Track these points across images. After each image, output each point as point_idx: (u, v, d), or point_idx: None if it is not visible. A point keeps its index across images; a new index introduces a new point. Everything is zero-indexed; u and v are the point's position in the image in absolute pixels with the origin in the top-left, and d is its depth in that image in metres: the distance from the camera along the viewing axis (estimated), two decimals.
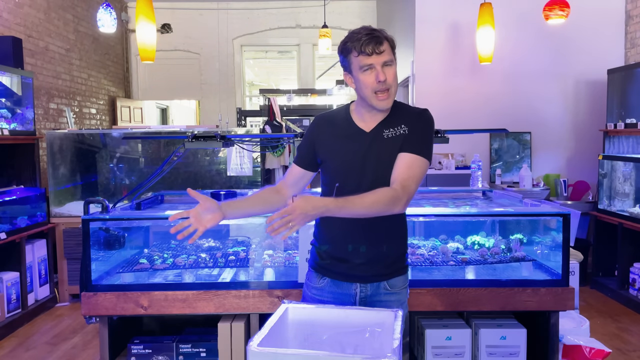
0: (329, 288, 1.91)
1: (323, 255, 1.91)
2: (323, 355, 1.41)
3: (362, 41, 1.73)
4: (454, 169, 5.16)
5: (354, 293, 1.88)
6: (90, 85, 7.27)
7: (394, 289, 1.90)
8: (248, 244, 2.91)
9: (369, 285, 1.88)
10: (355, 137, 1.85)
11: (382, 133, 1.82)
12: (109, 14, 4.86)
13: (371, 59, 1.73)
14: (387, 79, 1.74)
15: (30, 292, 4.51)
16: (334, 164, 1.87)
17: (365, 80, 1.76)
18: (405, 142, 1.80)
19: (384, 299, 1.88)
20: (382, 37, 1.75)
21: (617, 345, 3.70)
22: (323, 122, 1.92)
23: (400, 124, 1.83)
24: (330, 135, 1.88)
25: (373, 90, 1.76)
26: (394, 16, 7.05)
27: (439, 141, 2.89)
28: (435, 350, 2.48)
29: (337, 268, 1.88)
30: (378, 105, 1.78)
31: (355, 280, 1.88)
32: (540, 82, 5.56)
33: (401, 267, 1.92)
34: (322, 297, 1.91)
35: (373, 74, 1.74)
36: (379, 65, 1.74)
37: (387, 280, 1.89)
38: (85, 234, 2.46)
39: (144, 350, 2.56)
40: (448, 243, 2.88)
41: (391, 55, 1.77)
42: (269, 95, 7.02)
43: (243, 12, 8.57)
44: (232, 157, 4.15)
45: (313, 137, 1.91)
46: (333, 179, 1.86)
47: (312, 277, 1.95)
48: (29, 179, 4.70)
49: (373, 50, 1.72)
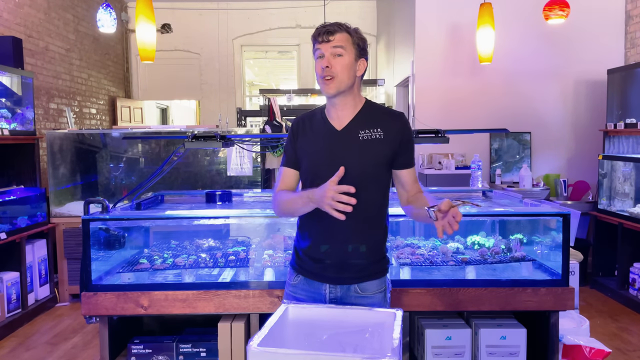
0: (302, 286, 1.93)
1: (300, 254, 1.94)
2: (323, 355, 1.41)
3: (316, 31, 1.85)
4: (454, 169, 5.16)
5: (324, 293, 1.89)
6: (90, 85, 7.28)
7: (365, 293, 1.88)
8: (248, 244, 2.91)
9: (339, 287, 1.88)
10: (327, 135, 1.89)
11: (357, 133, 1.86)
12: (109, 14, 4.86)
13: (321, 46, 1.83)
14: (331, 66, 1.80)
15: (30, 292, 4.51)
16: (307, 162, 1.90)
17: (316, 66, 1.86)
18: (397, 157, 1.87)
19: (355, 302, 1.87)
20: (337, 28, 1.82)
21: (617, 345, 3.70)
22: (302, 121, 1.96)
23: (376, 127, 1.86)
24: (307, 134, 1.92)
25: (320, 76, 1.84)
26: (394, 16, 7.05)
27: (439, 141, 2.89)
28: (435, 350, 2.48)
29: (310, 267, 1.90)
30: (323, 90, 1.86)
31: (325, 281, 1.89)
32: (540, 82, 5.56)
33: (375, 271, 1.90)
34: (296, 295, 1.94)
35: (320, 61, 1.84)
36: (327, 53, 1.82)
37: (358, 283, 1.88)
38: (85, 234, 2.46)
39: (144, 350, 2.56)
40: (448, 243, 2.88)
41: (344, 44, 1.82)
42: (269, 95, 7.02)
43: (243, 12, 8.57)
44: (232, 157, 4.15)
45: (294, 136, 1.95)
46: (307, 177, 1.90)
47: (290, 274, 2.00)
48: (29, 179, 4.70)
49: (323, 39, 1.82)
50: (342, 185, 1.65)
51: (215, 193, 3.24)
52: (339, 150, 1.85)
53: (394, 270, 2.60)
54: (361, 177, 1.82)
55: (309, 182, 1.88)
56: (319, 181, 1.80)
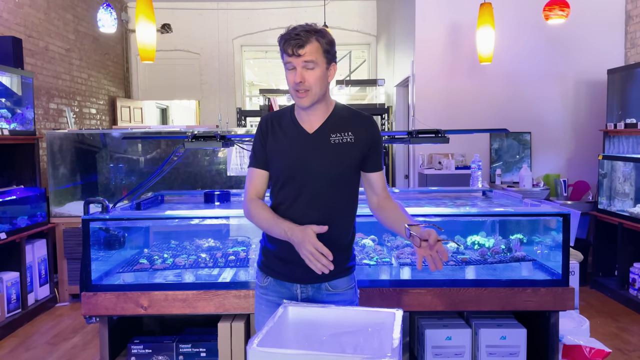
0: (272, 287, 1.93)
1: (268, 255, 1.93)
2: (323, 355, 1.41)
3: (285, 40, 1.78)
4: (454, 169, 5.16)
5: (296, 294, 1.90)
6: (90, 85, 7.27)
7: (336, 290, 1.91)
8: (248, 244, 2.91)
9: (310, 286, 1.89)
10: (299, 138, 1.88)
11: (328, 137, 1.86)
12: (109, 14, 4.86)
13: (291, 58, 1.78)
14: (305, 80, 1.78)
15: (30, 292, 4.51)
16: (278, 164, 1.88)
17: (288, 78, 1.82)
18: (367, 160, 1.89)
19: (327, 300, 1.89)
20: (306, 39, 1.75)
21: (617, 345, 3.70)
22: (270, 121, 1.94)
23: (347, 130, 1.87)
24: (277, 135, 1.90)
25: (293, 89, 1.81)
26: (394, 16, 7.05)
27: (439, 141, 2.89)
28: (435, 350, 2.48)
29: (279, 268, 1.89)
30: (297, 102, 1.84)
31: (295, 281, 1.89)
32: (540, 82, 5.56)
33: (344, 268, 1.92)
34: (267, 296, 1.93)
35: (292, 73, 1.79)
36: (299, 66, 1.77)
37: (329, 281, 1.89)
38: (85, 234, 2.46)
39: (144, 350, 2.56)
40: (448, 243, 2.88)
41: (315, 57, 1.77)
42: (269, 95, 7.03)
43: (243, 12, 8.57)
44: (232, 157, 4.15)
45: (263, 136, 1.92)
46: (278, 179, 1.89)
47: (259, 276, 1.98)
48: (29, 179, 4.70)
49: (293, 51, 1.76)
50: (319, 244, 1.68)
51: (214, 193, 3.25)
52: (310, 153, 1.85)
53: (394, 270, 2.60)
54: (332, 179, 1.85)
55: (279, 185, 1.88)
56: (290, 184, 1.85)
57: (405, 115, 6.51)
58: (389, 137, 3.57)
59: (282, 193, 1.88)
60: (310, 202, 1.84)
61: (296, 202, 1.85)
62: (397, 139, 3.27)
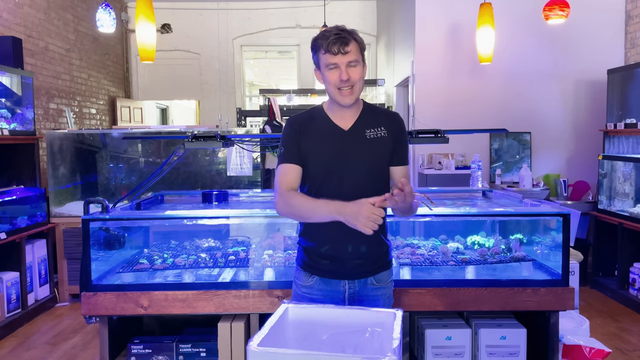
0: (317, 286, 1.95)
1: (311, 254, 1.95)
2: (323, 355, 1.41)
3: (329, 40, 1.82)
4: (454, 169, 5.16)
5: (343, 290, 1.93)
6: (90, 85, 7.27)
7: (380, 284, 1.97)
8: (248, 244, 2.91)
9: (357, 281, 1.93)
10: (335, 136, 1.92)
11: (364, 133, 1.92)
12: (109, 14, 4.86)
13: (336, 58, 1.83)
14: (350, 77, 1.83)
15: (30, 292, 4.51)
16: (317, 162, 1.91)
17: (330, 77, 1.85)
18: (395, 154, 1.95)
19: (371, 294, 1.94)
20: (349, 38, 1.83)
21: (617, 345, 3.70)
22: (302, 121, 1.96)
23: (379, 125, 1.94)
24: (312, 133, 1.93)
25: (336, 87, 1.85)
26: (394, 16, 7.05)
27: (439, 141, 2.89)
28: (435, 350, 2.48)
29: (325, 266, 1.92)
30: (341, 100, 1.87)
31: (343, 278, 1.92)
32: (540, 82, 5.56)
33: (386, 262, 1.99)
34: (311, 295, 1.95)
35: (337, 72, 1.84)
36: (343, 65, 1.83)
37: (374, 275, 1.95)
38: (85, 234, 2.46)
39: (144, 350, 2.56)
40: (448, 243, 2.88)
41: (357, 56, 1.85)
42: (269, 95, 7.02)
43: (243, 12, 8.57)
44: (232, 157, 4.15)
45: (297, 134, 1.92)
46: (317, 177, 1.91)
47: (301, 275, 1.99)
48: (29, 179, 4.70)
49: (339, 50, 1.82)
50: (376, 209, 1.69)
51: (212, 193, 3.25)
52: (348, 149, 1.90)
53: (393, 270, 2.60)
54: (371, 173, 1.91)
55: (319, 182, 1.90)
56: (330, 180, 1.89)
57: (405, 115, 6.51)
58: None
59: (323, 189, 1.89)
60: (351, 196, 1.83)
61: (337, 197, 1.84)
62: None
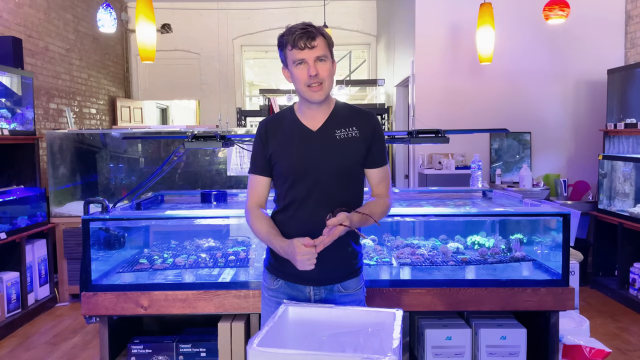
0: (283, 289, 1.91)
1: (277, 256, 1.89)
2: (323, 355, 1.41)
3: (295, 35, 1.77)
4: (454, 169, 5.16)
5: (309, 295, 1.89)
6: (90, 85, 7.27)
7: (347, 291, 1.91)
8: (248, 244, 2.91)
9: (322, 288, 1.89)
10: (303, 137, 1.87)
11: (333, 133, 1.86)
12: (109, 14, 4.86)
13: (303, 53, 1.78)
14: (319, 73, 1.79)
15: (30, 292, 4.51)
16: (284, 164, 1.87)
17: (298, 74, 1.81)
18: (369, 155, 1.89)
19: (339, 301, 1.89)
20: (316, 32, 1.79)
21: (617, 345, 3.70)
22: (270, 125, 1.93)
23: (350, 125, 1.88)
24: (279, 137, 1.89)
25: (305, 84, 1.80)
26: (394, 16, 7.05)
27: (439, 141, 2.89)
28: (435, 350, 2.48)
29: (291, 270, 1.83)
30: (311, 97, 1.82)
31: (308, 283, 1.88)
32: (540, 82, 5.56)
33: (354, 269, 1.93)
34: (278, 299, 1.91)
35: (305, 68, 1.79)
36: (311, 60, 1.78)
37: (340, 282, 1.90)
38: (85, 234, 2.46)
39: (144, 350, 2.56)
40: (448, 243, 2.88)
41: (325, 51, 1.81)
42: (269, 95, 7.03)
43: (243, 12, 8.57)
44: (232, 157, 4.15)
45: (263, 141, 1.90)
46: (285, 179, 1.87)
47: (267, 278, 1.96)
48: (29, 179, 4.70)
49: (305, 44, 1.77)
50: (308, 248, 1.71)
51: (211, 193, 3.25)
52: (316, 150, 1.85)
53: (394, 270, 2.60)
54: (339, 175, 1.85)
55: (288, 184, 1.87)
56: (299, 183, 1.84)
57: (405, 115, 6.51)
58: (389, 137, 3.56)
59: (291, 192, 1.86)
60: (321, 199, 1.84)
61: (306, 200, 1.85)
62: (397, 139, 3.27)
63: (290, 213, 1.87)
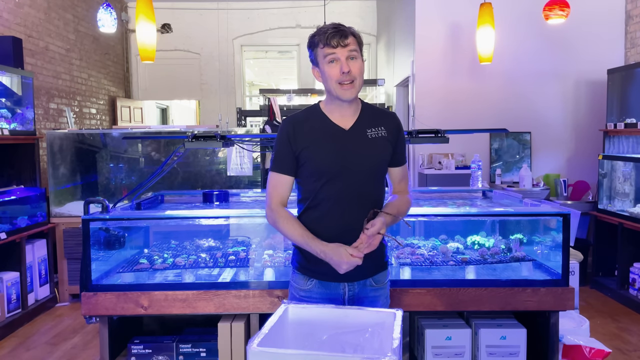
0: (317, 289, 1.91)
1: (309, 257, 1.88)
2: (323, 355, 1.41)
3: (327, 34, 1.80)
4: (454, 169, 5.16)
5: (342, 292, 1.91)
6: (90, 85, 7.27)
7: (378, 284, 1.96)
8: (248, 244, 2.91)
9: (356, 283, 1.91)
10: (336, 136, 1.88)
11: (365, 132, 1.89)
12: (109, 14, 4.86)
13: (336, 50, 1.80)
14: (351, 70, 1.80)
15: (30, 292, 4.51)
16: (317, 163, 1.86)
17: (330, 71, 1.82)
18: (394, 154, 1.95)
19: (371, 295, 1.93)
20: (347, 31, 1.82)
21: (617, 345, 3.70)
22: (298, 123, 1.90)
23: (379, 125, 1.92)
24: (309, 135, 1.88)
25: (337, 81, 1.82)
26: (394, 16, 7.05)
27: (439, 141, 2.89)
28: (435, 350, 2.48)
29: (324, 268, 1.84)
30: (343, 95, 1.83)
31: (342, 280, 1.89)
32: (540, 82, 5.56)
33: (383, 262, 1.98)
34: (310, 299, 1.91)
35: (337, 65, 1.81)
36: (343, 58, 1.80)
37: (372, 276, 1.94)
38: (85, 234, 2.46)
39: (144, 350, 2.56)
40: (448, 243, 2.88)
41: (357, 50, 1.83)
42: (269, 95, 7.02)
43: (243, 12, 8.57)
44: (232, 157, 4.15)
45: (290, 140, 1.88)
46: (317, 178, 1.86)
47: (298, 279, 1.95)
48: (29, 179, 4.70)
49: (338, 42, 1.79)
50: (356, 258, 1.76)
51: (212, 193, 3.25)
52: (350, 149, 1.87)
53: (393, 270, 2.60)
54: (371, 173, 1.89)
55: (320, 184, 1.86)
56: (332, 182, 1.85)
57: (405, 115, 6.51)
58: None
59: (323, 191, 1.86)
60: (352, 197, 1.85)
61: (339, 198, 1.85)
62: None
63: (321, 212, 1.87)
